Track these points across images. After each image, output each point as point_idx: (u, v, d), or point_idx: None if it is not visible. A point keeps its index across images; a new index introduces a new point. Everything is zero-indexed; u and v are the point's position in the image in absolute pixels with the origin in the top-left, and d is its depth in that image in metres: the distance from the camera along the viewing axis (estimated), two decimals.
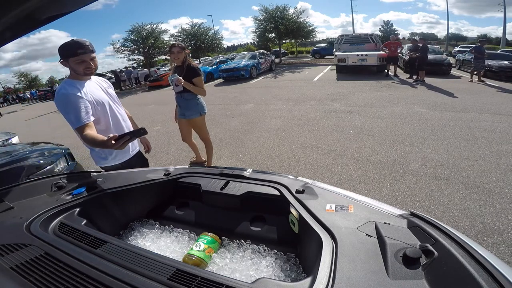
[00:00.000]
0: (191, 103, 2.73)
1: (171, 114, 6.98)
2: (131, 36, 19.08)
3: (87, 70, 1.44)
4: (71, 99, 1.37)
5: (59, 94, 1.40)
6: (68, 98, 1.37)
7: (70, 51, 1.39)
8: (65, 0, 0.76)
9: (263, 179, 1.04)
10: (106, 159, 1.62)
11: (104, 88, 1.61)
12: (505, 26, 25.71)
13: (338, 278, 0.56)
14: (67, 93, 1.38)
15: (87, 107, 1.39)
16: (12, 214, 0.93)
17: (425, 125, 4.24)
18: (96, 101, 1.48)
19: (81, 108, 1.36)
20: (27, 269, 0.65)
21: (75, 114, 1.34)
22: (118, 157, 1.64)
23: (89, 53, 1.41)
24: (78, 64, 1.40)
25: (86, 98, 1.41)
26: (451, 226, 0.68)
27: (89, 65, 1.43)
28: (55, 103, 1.44)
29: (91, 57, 1.43)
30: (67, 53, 1.39)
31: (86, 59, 1.41)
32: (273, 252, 0.87)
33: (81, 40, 1.40)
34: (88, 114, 1.38)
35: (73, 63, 1.40)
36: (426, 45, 8.30)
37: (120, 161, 1.65)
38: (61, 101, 1.38)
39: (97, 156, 1.63)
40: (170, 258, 0.70)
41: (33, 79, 41.70)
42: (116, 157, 1.63)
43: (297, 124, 4.83)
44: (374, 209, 0.81)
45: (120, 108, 1.69)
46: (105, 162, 1.63)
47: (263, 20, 19.89)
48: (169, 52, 2.62)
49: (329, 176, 2.91)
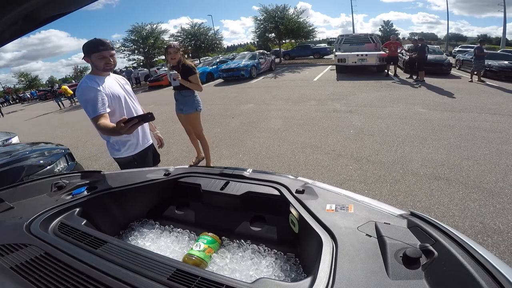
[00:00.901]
0: (188, 99, 2.95)
1: (172, 114, 7.00)
2: (131, 36, 19.11)
3: (107, 65, 1.59)
4: (90, 92, 1.50)
5: (81, 87, 1.55)
6: (88, 90, 1.51)
7: (93, 48, 1.54)
8: (65, 0, 0.76)
9: (263, 179, 1.04)
10: (119, 150, 1.73)
11: (122, 84, 1.75)
12: (505, 26, 25.72)
13: (338, 278, 0.56)
14: (87, 86, 1.52)
15: (103, 99, 1.51)
16: (12, 214, 0.93)
17: (425, 125, 4.24)
18: (113, 95, 1.61)
19: (99, 100, 1.49)
20: (27, 269, 0.65)
21: (92, 105, 1.47)
22: (131, 148, 1.74)
23: (109, 50, 1.57)
24: (100, 59, 1.56)
25: (104, 91, 1.55)
26: (451, 226, 0.68)
27: (109, 61, 1.59)
28: (76, 95, 1.60)
29: (110, 53, 1.58)
30: (90, 49, 1.54)
31: (106, 55, 1.56)
32: (273, 252, 0.87)
33: (103, 39, 1.56)
34: (104, 106, 1.50)
35: (95, 58, 1.55)
36: (425, 45, 8.30)
37: (132, 153, 1.75)
38: (82, 93, 1.53)
39: (112, 147, 1.75)
40: (170, 258, 0.70)
41: (33, 79, 41.73)
42: (128, 149, 1.74)
43: (297, 124, 4.83)
44: (374, 209, 0.80)
45: (135, 103, 1.81)
46: (118, 153, 1.74)
47: (263, 20, 19.89)
48: (165, 53, 2.81)
49: (329, 176, 2.91)
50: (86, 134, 6.28)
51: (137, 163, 1.79)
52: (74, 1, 0.78)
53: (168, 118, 6.61)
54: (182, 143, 4.55)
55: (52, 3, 0.69)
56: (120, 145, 1.73)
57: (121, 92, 1.68)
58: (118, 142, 1.72)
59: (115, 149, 1.74)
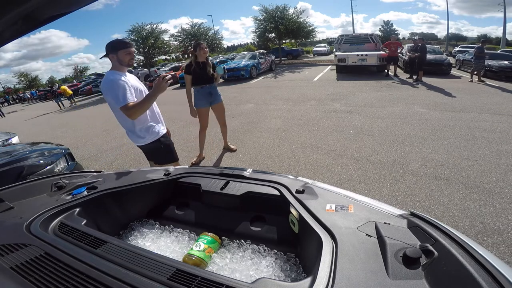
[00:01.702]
0: (217, 91, 3.32)
1: (171, 114, 7.01)
2: (131, 36, 19.10)
3: (131, 60, 1.82)
4: (119, 83, 1.68)
5: (108, 80, 1.71)
6: (117, 82, 1.68)
7: (120, 45, 1.76)
8: (65, 0, 0.76)
9: (263, 179, 1.04)
10: (145, 137, 1.92)
11: (137, 80, 1.95)
12: (505, 26, 25.72)
13: (338, 278, 0.56)
14: (115, 79, 1.70)
15: (131, 90, 1.72)
16: (12, 214, 0.93)
17: (425, 125, 4.24)
18: (135, 88, 1.79)
19: (127, 90, 1.69)
20: (27, 269, 0.65)
21: (122, 94, 1.66)
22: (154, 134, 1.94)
23: (132, 47, 1.83)
24: (126, 55, 1.76)
25: (128, 82, 1.73)
26: (451, 226, 0.68)
27: (133, 56, 1.83)
28: (101, 88, 1.79)
29: (133, 50, 1.84)
30: (118, 46, 1.75)
31: (131, 52, 1.79)
32: (273, 252, 0.87)
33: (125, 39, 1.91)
34: (132, 96, 1.70)
35: (121, 54, 1.75)
36: (425, 45, 8.31)
37: (156, 137, 1.95)
38: (110, 85, 1.69)
39: (137, 136, 1.92)
40: (170, 258, 0.70)
41: (33, 79, 41.75)
42: (152, 134, 1.93)
43: (297, 124, 4.83)
44: (374, 209, 0.80)
45: None
46: (144, 140, 1.92)
47: (263, 20, 19.89)
48: (196, 49, 3.06)
49: (329, 176, 2.91)
50: (86, 134, 6.28)
51: (163, 146, 1.98)
52: (74, 1, 0.78)
53: (168, 118, 6.62)
54: (182, 143, 4.55)
55: (52, 3, 0.68)
56: (144, 132, 1.91)
57: (140, 86, 1.90)
58: (141, 129, 1.89)
59: (141, 137, 1.91)
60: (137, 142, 1.95)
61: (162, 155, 2.02)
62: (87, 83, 21.62)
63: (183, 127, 5.56)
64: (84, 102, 14.78)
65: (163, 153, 2.02)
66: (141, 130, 1.90)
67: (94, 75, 25.59)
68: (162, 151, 2.00)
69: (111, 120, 7.66)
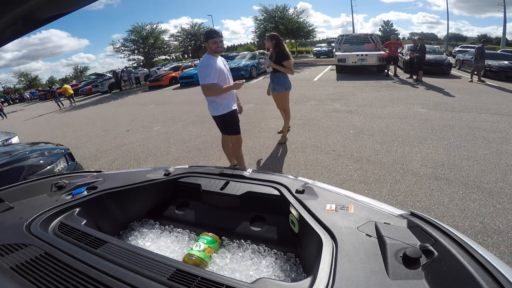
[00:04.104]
0: (280, 80, 3.55)
1: (171, 114, 7.01)
2: (131, 36, 19.09)
3: (218, 48, 2.32)
4: (209, 66, 2.26)
5: (203, 61, 2.32)
6: (207, 64, 2.27)
7: (210, 35, 2.31)
8: (65, 0, 0.76)
9: (263, 179, 1.04)
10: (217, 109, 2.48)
11: (225, 64, 2.48)
12: (505, 26, 25.68)
13: (338, 278, 0.56)
14: (209, 62, 2.27)
15: (215, 73, 2.29)
16: (12, 214, 0.93)
17: (425, 125, 4.24)
18: (220, 71, 2.34)
19: (212, 72, 2.26)
20: (27, 269, 0.65)
21: (207, 75, 2.25)
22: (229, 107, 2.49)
23: (220, 37, 2.32)
24: (213, 43, 2.29)
25: (216, 67, 2.29)
26: (451, 226, 0.68)
27: (219, 45, 2.32)
28: (198, 67, 2.37)
29: (220, 40, 2.33)
30: (208, 36, 2.31)
31: (217, 41, 2.30)
32: (273, 252, 0.87)
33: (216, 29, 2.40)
34: (215, 78, 2.29)
35: (210, 43, 2.29)
36: (424, 45, 8.30)
37: (230, 109, 2.50)
38: (205, 66, 2.27)
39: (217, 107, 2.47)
40: (170, 258, 0.70)
41: (33, 79, 41.75)
42: (227, 108, 2.48)
43: (297, 124, 4.83)
44: (374, 209, 0.80)
45: (231, 79, 2.52)
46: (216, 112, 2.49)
47: (263, 20, 19.92)
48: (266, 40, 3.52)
49: (329, 176, 2.91)
50: (86, 134, 6.28)
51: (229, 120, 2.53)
52: (74, 1, 0.78)
53: (168, 118, 6.62)
54: (182, 143, 4.55)
55: (52, 3, 0.68)
56: (224, 106, 2.47)
57: (225, 70, 2.43)
58: (222, 103, 2.45)
59: (220, 109, 2.47)
60: (217, 113, 2.50)
61: (227, 127, 2.60)
62: (87, 83, 21.58)
63: (183, 127, 5.56)
64: (84, 102, 14.78)
65: (228, 125, 2.59)
66: (221, 104, 2.45)
67: (94, 75, 25.55)
68: (228, 123, 2.57)
69: (111, 120, 7.66)
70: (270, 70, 3.47)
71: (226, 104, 2.47)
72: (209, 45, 2.29)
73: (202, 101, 3.12)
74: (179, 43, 22.68)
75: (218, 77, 2.31)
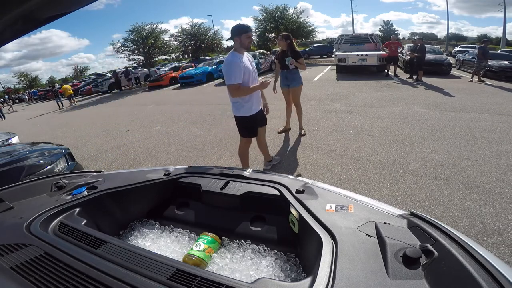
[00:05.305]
0: (295, 76, 3.82)
1: (171, 114, 7.01)
2: (131, 36, 19.09)
3: (250, 43, 2.26)
4: (236, 65, 2.17)
5: (229, 60, 2.22)
6: (234, 63, 2.17)
7: (244, 29, 2.20)
8: (65, 0, 0.76)
9: (263, 179, 1.04)
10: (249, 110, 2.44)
11: (250, 62, 2.40)
12: (505, 26, 25.69)
13: (338, 278, 0.56)
14: (234, 60, 2.19)
15: (241, 72, 2.20)
16: (12, 214, 0.93)
17: (425, 125, 4.23)
18: (245, 69, 2.25)
19: (239, 72, 2.19)
20: (27, 269, 0.65)
21: (234, 75, 2.17)
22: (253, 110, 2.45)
23: (251, 32, 2.26)
24: (247, 38, 2.20)
25: (242, 65, 2.21)
26: (451, 226, 0.68)
27: (251, 40, 2.26)
28: (224, 65, 2.27)
29: (252, 35, 2.28)
30: (242, 30, 2.19)
31: (251, 36, 2.24)
32: (273, 252, 0.87)
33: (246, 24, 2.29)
34: (241, 78, 2.21)
35: (244, 37, 2.19)
36: (424, 45, 8.30)
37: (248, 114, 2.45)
38: (230, 64, 2.18)
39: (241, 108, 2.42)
40: (170, 258, 0.70)
41: (33, 79, 41.74)
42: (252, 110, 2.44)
43: (297, 124, 4.82)
44: (374, 209, 0.80)
45: (256, 76, 2.47)
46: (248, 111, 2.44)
47: (263, 20, 19.94)
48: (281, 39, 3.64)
49: (329, 176, 2.91)
50: (86, 134, 6.28)
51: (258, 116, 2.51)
52: (74, 1, 0.78)
53: (168, 118, 6.62)
54: (182, 143, 4.55)
55: (52, 3, 0.68)
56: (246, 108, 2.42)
57: (250, 68, 2.34)
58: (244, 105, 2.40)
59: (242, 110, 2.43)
60: (243, 113, 2.46)
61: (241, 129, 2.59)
62: (87, 83, 21.57)
63: (183, 127, 5.56)
64: (84, 102, 14.78)
65: (243, 128, 2.57)
66: (247, 103, 2.40)
67: (94, 75, 25.53)
68: (244, 126, 2.56)
69: (111, 120, 7.66)
70: (293, 67, 3.66)
71: (249, 106, 2.42)
72: (242, 40, 2.19)
73: (202, 101, 3.13)
74: (179, 43, 22.69)
75: (243, 76, 2.23)
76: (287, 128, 4.43)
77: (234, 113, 2.51)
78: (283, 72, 3.82)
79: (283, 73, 3.84)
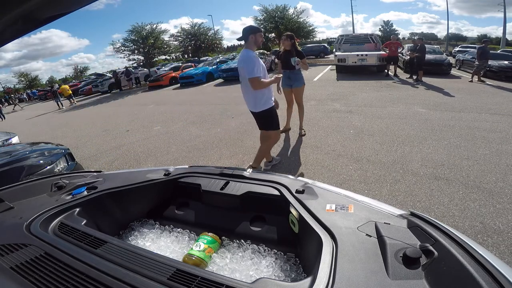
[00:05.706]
0: (298, 76, 3.83)
1: (171, 114, 7.01)
2: (131, 36, 19.08)
3: (262, 42, 2.49)
4: (255, 60, 2.33)
5: (247, 55, 2.36)
6: (253, 58, 2.33)
7: (258, 29, 2.47)
8: (65, 0, 0.76)
9: (263, 179, 1.04)
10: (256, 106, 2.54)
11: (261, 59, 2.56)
12: (505, 26, 25.65)
13: (338, 278, 0.56)
14: (252, 56, 2.35)
15: (260, 66, 2.36)
16: (12, 214, 0.93)
17: (425, 125, 4.23)
18: (262, 65, 2.42)
19: (258, 66, 2.32)
20: (27, 269, 0.65)
21: (257, 69, 2.30)
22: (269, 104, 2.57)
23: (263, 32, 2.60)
24: (260, 36, 2.44)
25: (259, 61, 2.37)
26: (451, 226, 0.68)
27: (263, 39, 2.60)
28: (242, 61, 2.40)
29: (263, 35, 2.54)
30: (257, 29, 2.44)
31: (262, 35, 2.50)
32: (273, 252, 0.87)
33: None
34: (259, 71, 2.33)
35: (258, 35, 2.40)
36: (424, 45, 8.30)
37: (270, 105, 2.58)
38: (249, 59, 2.32)
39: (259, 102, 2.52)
40: (170, 258, 0.70)
41: (33, 79, 41.73)
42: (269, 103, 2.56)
43: (297, 124, 4.82)
44: (374, 209, 0.80)
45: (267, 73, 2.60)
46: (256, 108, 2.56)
47: (263, 20, 19.92)
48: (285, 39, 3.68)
49: (329, 176, 2.91)
50: (86, 134, 6.28)
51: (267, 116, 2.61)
52: (74, 1, 0.78)
53: (168, 118, 6.61)
54: (182, 143, 4.55)
55: (52, 3, 0.68)
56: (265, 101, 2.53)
57: (263, 64, 2.48)
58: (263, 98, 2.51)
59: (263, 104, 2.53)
60: (252, 108, 2.59)
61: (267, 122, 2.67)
62: (87, 83, 21.55)
63: (183, 127, 5.56)
64: (84, 102, 14.77)
65: (269, 121, 2.65)
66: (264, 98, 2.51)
67: (94, 75, 25.50)
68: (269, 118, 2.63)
69: (111, 120, 7.66)
70: (299, 67, 3.71)
71: (269, 97, 2.55)
72: (256, 38, 2.38)
73: (202, 101, 3.13)
74: (179, 43, 22.68)
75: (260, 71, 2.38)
76: (287, 128, 4.42)
77: (257, 108, 2.55)
78: (286, 72, 3.81)
79: (285, 73, 3.81)
